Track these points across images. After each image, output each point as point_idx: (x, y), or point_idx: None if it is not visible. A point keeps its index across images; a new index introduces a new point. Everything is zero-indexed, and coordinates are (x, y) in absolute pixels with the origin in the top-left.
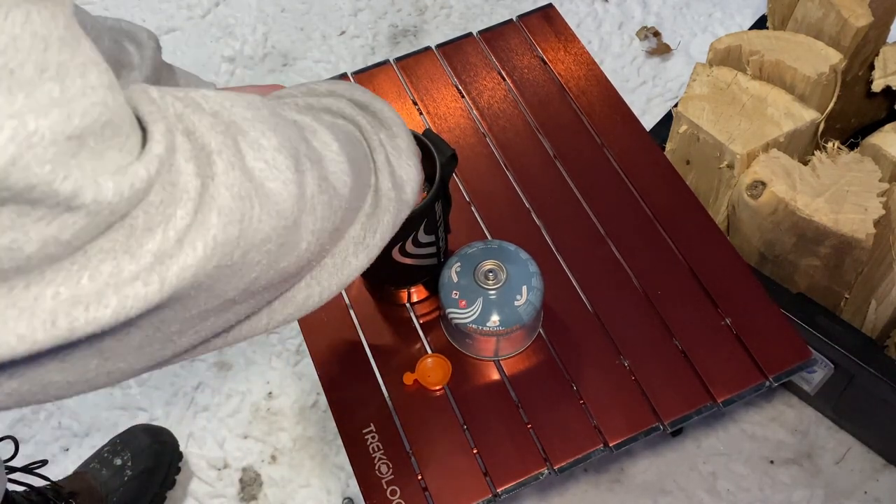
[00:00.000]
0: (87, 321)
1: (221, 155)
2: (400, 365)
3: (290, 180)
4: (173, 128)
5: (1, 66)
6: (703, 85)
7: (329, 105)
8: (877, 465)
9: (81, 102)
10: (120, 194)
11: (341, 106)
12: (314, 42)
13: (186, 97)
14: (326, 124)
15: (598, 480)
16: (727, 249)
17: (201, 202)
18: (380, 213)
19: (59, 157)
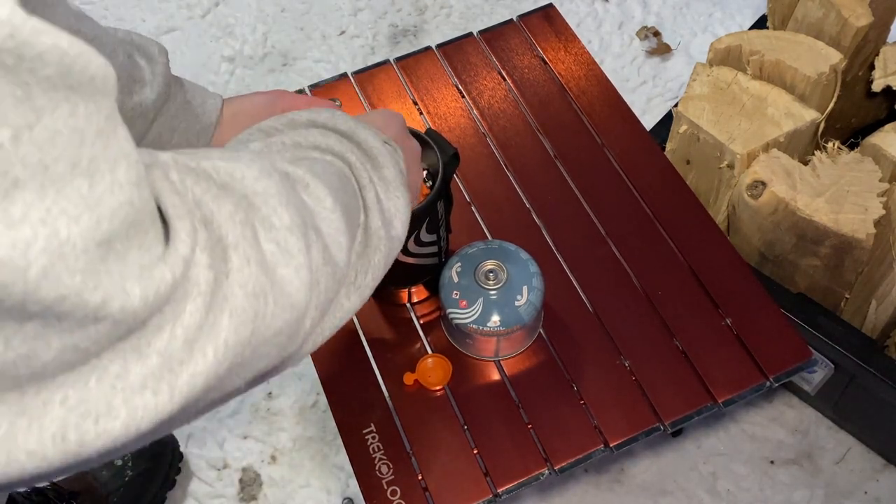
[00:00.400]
0: (98, 434)
1: (238, 249)
2: (400, 365)
3: (302, 265)
4: (195, 221)
5: (36, 162)
6: (703, 85)
7: (317, 141)
8: (877, 465)
9: (109, 203)
10: (145, 300)
11: (329, 142)
12: (314, 42)
13: (199, 169)
14: (318, 171)
15: (598, 481)
16: (727, 249)
17: (213, 301)
18: (370, 253)
19: (90, 265)
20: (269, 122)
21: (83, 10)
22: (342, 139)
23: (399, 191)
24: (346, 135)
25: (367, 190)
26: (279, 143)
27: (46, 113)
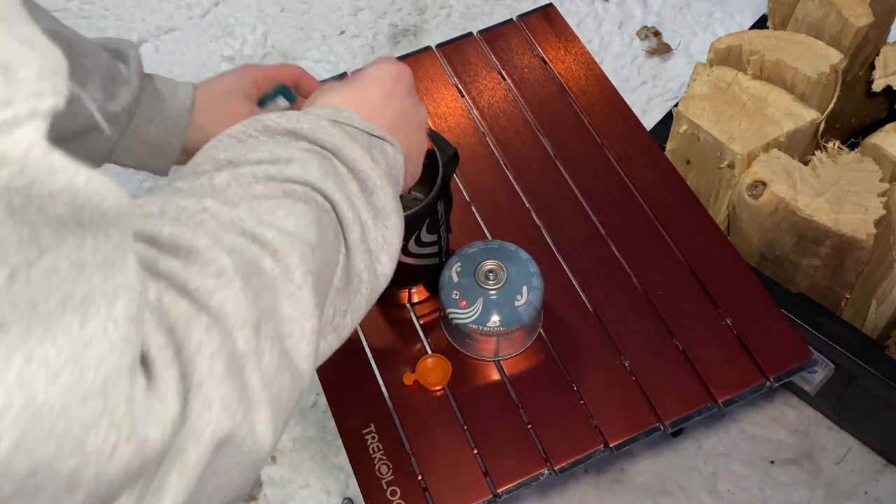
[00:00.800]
0: None
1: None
2: (400, 365)
3: (267, 420)
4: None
5: (26, 301)
6: (703, 85)
7: (294, 173)
8: (877, 465)
9: (99, 346)
10: (125, 470)
11: (310, 172)
12: (314, 42)
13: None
14: (289, 228)
15: (598, 481)
16: (727, 249)
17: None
18: (351, 294)
19: (68, 430)
20: (241, 127)
21: (83, 10)
22: (325, 161)
23: (391, 218)
24: (333, 152)
25: (351, 229)
26: (249, 175)
27: (50, 251)
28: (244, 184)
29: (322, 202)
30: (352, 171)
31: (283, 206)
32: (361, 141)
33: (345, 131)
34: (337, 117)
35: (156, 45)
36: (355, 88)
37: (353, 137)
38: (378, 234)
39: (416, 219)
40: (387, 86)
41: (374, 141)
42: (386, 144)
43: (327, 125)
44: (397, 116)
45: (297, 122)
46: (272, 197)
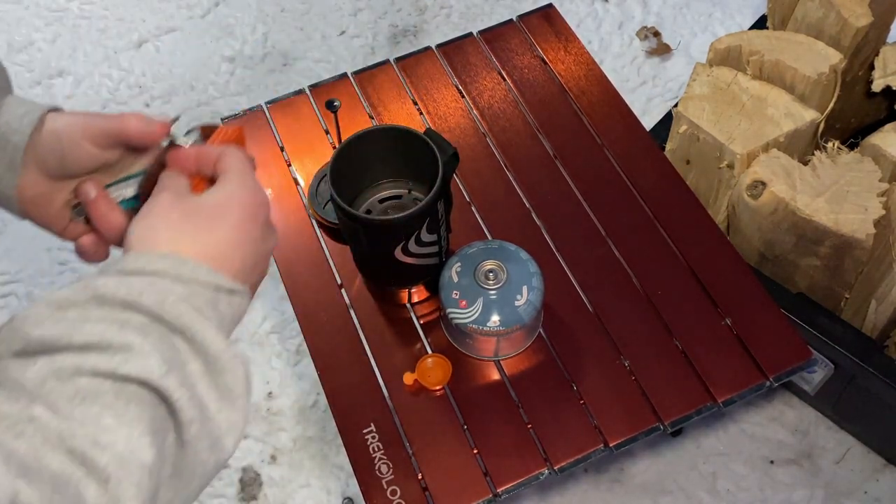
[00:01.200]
0: None
1: None
2: (400, 365)
3: None
4: None
5: None
6: (703, 85)
7: (130, 372)
8: (877, 465)
9: None
10: None
11: (148, 372)
12: (314, 42)
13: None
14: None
15: (598, 480)
16: (727, 249)
17: None
18: (184, 483)
19: None
20: (67, 293)
21: (83, 10)
22: (166, 345)
23: (237, 402)
24: (179, 331)
25: (190, 427)
26: (72, 367)
27: None
28: (65, 378)
29: (158, 403)
30: (197, 351)
31: (112, 411)
32: (208, 303)
33: (192, 304)
34: (181, 272)
35: (156, 45)
36: (207, 232)
37: (201, 310)
38: (223, 418)
39: (416, 219)
40: (241, 225)
41: (221, 295)
42: (234, 296)
43: (174, 301)
44: (248, 258)
45: (138, 295)
46: (99, 397)
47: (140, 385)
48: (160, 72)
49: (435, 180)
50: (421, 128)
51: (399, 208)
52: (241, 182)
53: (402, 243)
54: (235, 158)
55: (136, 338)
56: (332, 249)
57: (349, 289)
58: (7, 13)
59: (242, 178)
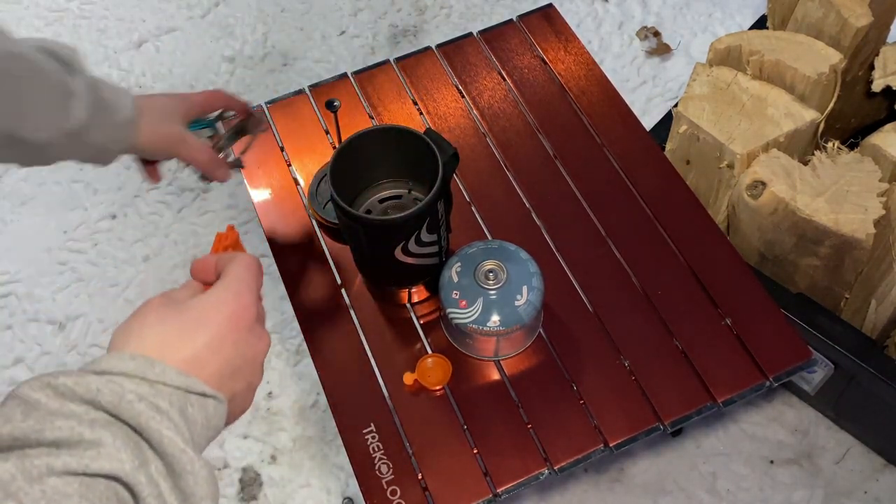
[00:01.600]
0: None
1: None
2: (400, 365)
3: None
4: None
5: None
6: (703, 85)
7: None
8: (877, 465)
9: None
10: None
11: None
12: (314, 42)
13: None
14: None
15: (598, 480)
16: (727, 249)
17: None
18: None
19: None
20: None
21: (84, 10)
22: (132, 443)
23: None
24: (137, 431)
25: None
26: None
27: None
28: (34, 479)
29: (126, 498)
30: (157, 452)
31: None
32: (174, 405)
33: (152, 404)
34: (147, 373)
35: (156, 45)
36: (186, 336)
37: (161, 411)
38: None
39: (416, 219)
40: (220, 329)
41: (191, 398)
42: (207, 400)
43: (131, 399)
44: (226, 364)
45: (95, 392)
46: (69, 498)
47: (110, 481)
48: (160, 72)
49: (435, 180)
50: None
51: (399, 208)
52: (231, 288)
53: (402, 243)
54: (234, 264)
55: (105, 434)
56: (332, 249)
57: (349, 289)
58: (7, 13)
59: (234, 284)
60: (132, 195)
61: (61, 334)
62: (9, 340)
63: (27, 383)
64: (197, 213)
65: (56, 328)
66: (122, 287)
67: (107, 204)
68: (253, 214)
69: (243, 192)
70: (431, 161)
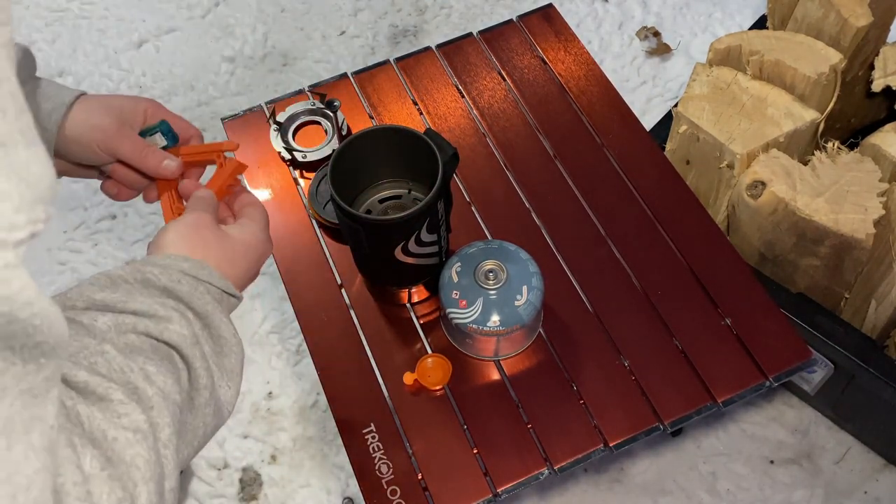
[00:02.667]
0: None
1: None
2: (400, 365)
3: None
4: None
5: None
6: (703, 85)
7: (170, 337)
8: (877, 465)
9: (26, 470)
10: None
11: (181, 341)
12: (314, 42)
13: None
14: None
15: (598, 480)
16: (727, 249)
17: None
18: (185, 442)
19: None
20: (121, 272)
21: (84, 10)
22: (194, 326)
23: (235, 378)
24: (202, 316)
25: (202, 392)
26: (129, 325)
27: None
28: (122, 332)
29: (183, 367)
30: (213, 336)
31: (153, 362)
32: (218, 298)
33: (212, 295)
34: (199, 274)
35: (156, 45)
36: (231, 256)
37: (220, 301)
38: (223, 392)
39: (416, 219)
40: (253, 261)
41: (225, 297)
42: (234, 300)
43: (203, 291)
44: (247, 280)
45: (176, 283)
46: (143, 351)
47: (171, 349)
48: (160, 72)
49: (435, 180)
50: (421, 128)
51: (399, 208)
52: (264, 231)
53: (402, 243)
54: (259, 209)
55: (174, 314)
56: (332, 249)
57: (349, 289)
58: None
59: (263, 227)
60: None
61: None
62: None
63: (121, 267)
64: None
65: None
66: None
67: (107, 204)
68: None
69: None
70: (431, 161)
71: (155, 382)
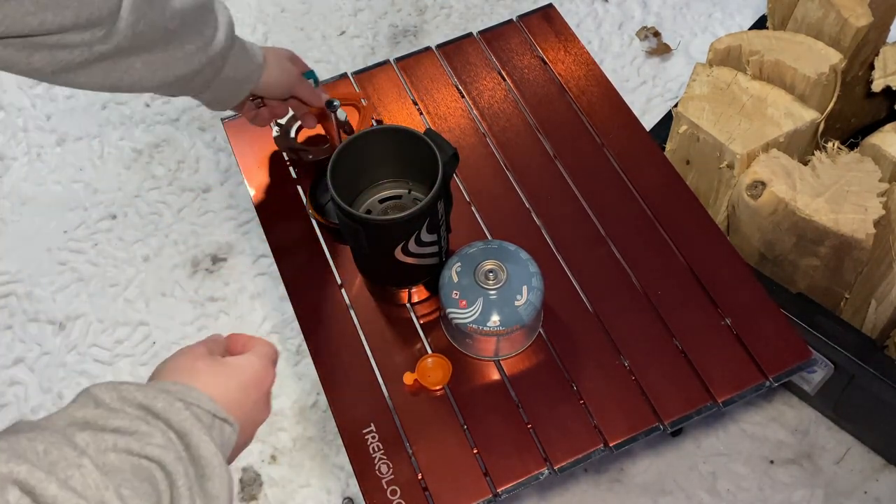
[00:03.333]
0: None
1: None
2: (400, 365)
3: None
4: None
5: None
6: (703, 85)
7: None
8: (877, 465)
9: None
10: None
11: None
12: (314, 42)
13: None
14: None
15: (598, 480)
16: (727, 249)
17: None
18: None
19: None
20: (99, 392)
21: None
22: (175, 443)
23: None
24: (180, 434)
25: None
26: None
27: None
28: (101, 450)
29: (165, 486)
30: (192, 457)
31: (130, 483)
32: (206, 422)
33: (193, 413)
34: (186, 396)
35: None
36: (221, 379)
37: (200, 419)
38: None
39: (416, 219)
40: (246, 384)
41: (216, 422)
42: (226, 426)
43: (180, 407)
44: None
45: (152, 399)
46: (122, 472)
47: (153, 464)
48: None
49: (435, 180)
50: (421, 128)
51: (399, 208)
52: (262, 359)
53: (402, 243)
54: (262, 344)
55: (154, 431)
56: (332, 249)
57: (349, 289)
58: None
59: (262, 358)
60: (132, 195)
61: (61, 334)
62: (9, 340)
63: (96, 386)
64: (197, 213)
65: (56, 328)
66: (122, 287)
67: (107, 204)
68: (253, 214)
69: (243, 192)
70: (431, 161)
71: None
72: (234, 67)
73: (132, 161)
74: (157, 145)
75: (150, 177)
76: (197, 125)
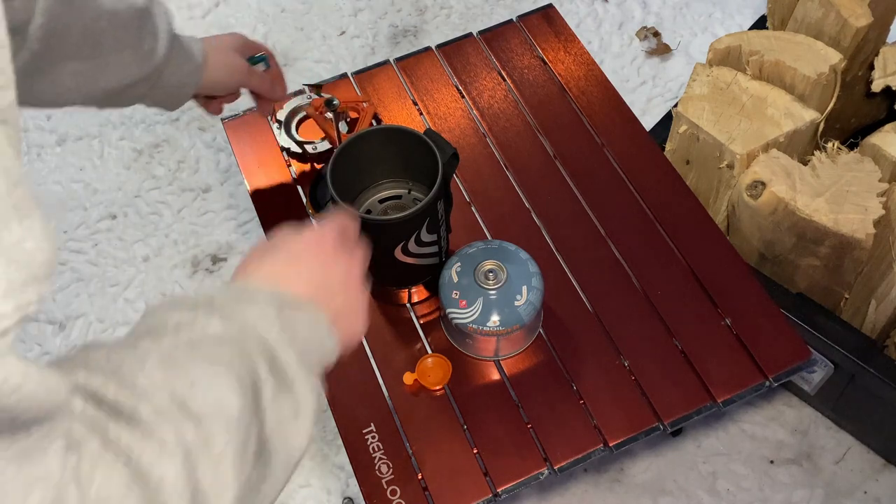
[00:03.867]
0: None
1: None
2: (400, 365)
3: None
4: None
5: None
6: (703, 85)
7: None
8: (877, 465)
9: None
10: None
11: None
12: (314, 42)
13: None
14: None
15: (598, 480)
16: (727, 249)
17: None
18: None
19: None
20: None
21: None
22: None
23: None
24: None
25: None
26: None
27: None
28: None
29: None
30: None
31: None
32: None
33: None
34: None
35: None
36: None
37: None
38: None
39: (416, 219)
40: (297, 249)
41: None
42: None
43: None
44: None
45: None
46: (202, 361)
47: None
48: None
49: (435, 180)
50: (421, 128)
51: (399, 208)
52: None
53: (402, 243)
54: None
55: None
56: None
57: None
58: None
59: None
60: (132, 195)
61: (61, 334)
62: None
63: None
64: (197, 213)
65: (56, 328)
66: (122, 287)
67: (107, 204)
68: (253, 214)
69: (243, 192)
70: (431, 161)
71: (200, 393)
72: (173, 73)
73: (132, 161)
74: (157, 145)
75: (150, 177)
76: (197, 125)
